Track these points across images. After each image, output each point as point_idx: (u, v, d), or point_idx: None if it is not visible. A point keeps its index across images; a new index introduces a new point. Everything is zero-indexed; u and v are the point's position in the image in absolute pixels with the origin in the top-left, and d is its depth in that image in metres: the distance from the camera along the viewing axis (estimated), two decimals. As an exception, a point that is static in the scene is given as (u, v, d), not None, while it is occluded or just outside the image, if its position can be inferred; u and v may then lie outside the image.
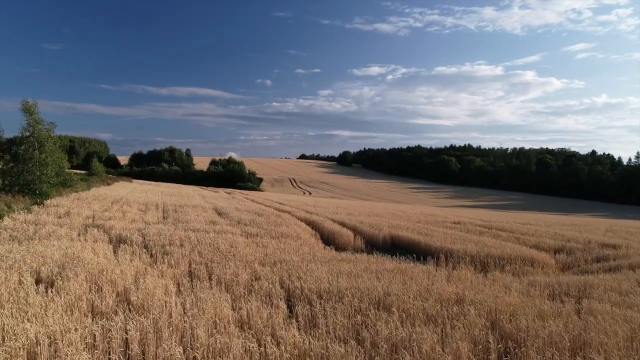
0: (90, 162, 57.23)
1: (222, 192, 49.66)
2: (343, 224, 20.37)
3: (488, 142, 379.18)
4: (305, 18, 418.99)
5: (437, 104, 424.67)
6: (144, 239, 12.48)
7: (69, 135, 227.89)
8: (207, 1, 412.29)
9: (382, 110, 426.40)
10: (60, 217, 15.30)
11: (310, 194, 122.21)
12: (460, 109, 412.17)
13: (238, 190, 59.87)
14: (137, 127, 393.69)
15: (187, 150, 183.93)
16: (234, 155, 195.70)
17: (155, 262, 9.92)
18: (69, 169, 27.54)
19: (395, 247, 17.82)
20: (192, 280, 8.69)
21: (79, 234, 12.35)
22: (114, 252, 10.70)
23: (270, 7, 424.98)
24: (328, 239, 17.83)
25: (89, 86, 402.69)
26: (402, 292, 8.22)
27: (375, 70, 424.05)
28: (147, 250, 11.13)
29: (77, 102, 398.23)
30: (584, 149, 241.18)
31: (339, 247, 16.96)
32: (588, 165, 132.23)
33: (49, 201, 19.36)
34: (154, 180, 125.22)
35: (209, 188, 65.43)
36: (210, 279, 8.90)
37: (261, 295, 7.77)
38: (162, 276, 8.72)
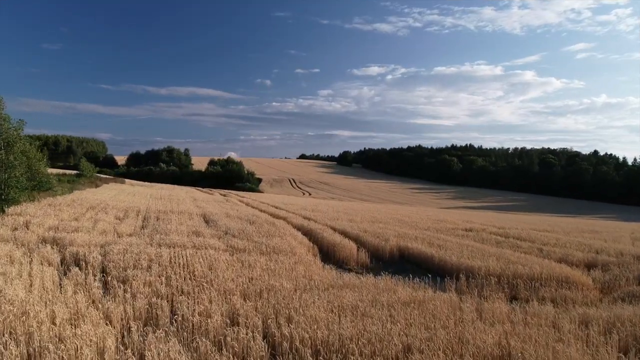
0: (79, 162, 54.95)
1: (217, 194, 47.49)
2: (344, 234, 18.22)
3: (488, 142, 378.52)
4: (305, 18, 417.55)
5: (436, 103, 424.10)
6: (105, 258, 10.31)
7: (67, 135, 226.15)
8: (206, 1, 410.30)
9: (382, 110, 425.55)
10: (15, 230, 13.13)
11: (309, 194, 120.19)
12: (460, 108, 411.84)
13: (234, 192, 57.71)
14: (137, 127, 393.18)
15: (186, 150, 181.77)
16: (233, 155, 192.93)
17: (107, 295, 7.77)
18: (45, 168, 25.32)
19: (405, 261, 15.66)
20: (146, 326, 6.56)
21: (24, 254, 10.18)
22: (60, 279, 8.55)
23: (269, 7, 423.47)
24: (327, 253, 15.67)
25: (88, 86, 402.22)
26: (427, 345, 6.08)
27: (374, 70, 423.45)
28: (104, 276, 8.98)
29: (77, 102, 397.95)
30: (584, 149, 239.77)
31: (340, 263, 14.83)
32: (592, 166, 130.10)
33: (12, 208, 17.20)
34: (150, 181, 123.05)
35: (205, 189, 63.31)
36: (172, 321, 6.76)
37: (235, 355, 5.63)
38: (106, 319, 6.57)
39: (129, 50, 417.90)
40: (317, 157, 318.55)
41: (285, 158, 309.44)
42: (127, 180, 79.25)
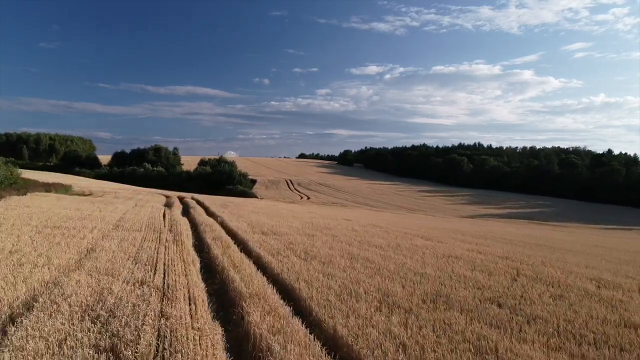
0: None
1: (176, 209, 34.60)
2: None
3: (487, 140, 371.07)
4: (302, 17, 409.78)
5: (435, 103, 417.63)
6: None
7: (50, 133, 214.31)
8: (204, 1, 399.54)
9: (381, 109, 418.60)
10: None
11: (308, 198, 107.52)
12: (458, 108, 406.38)
13: (208, 199, 44.63)
14: (137, 126, 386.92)
15: (175, 149, 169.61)
16: (232, 154, 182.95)
17: None
18: None
19: None
20: None
21: None
22: None
23: (266, 6, 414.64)
24: None
25: (86, 85, 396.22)
26: None
27: (372, 69, 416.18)
28: None
29: (75, 101, 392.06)
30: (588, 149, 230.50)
31: None
32: (624, 166, 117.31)
33: None
34: (132, 184, 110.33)
35: (175, 196, 50.20)
36: None
37: None
38: None
39: (127, 49, 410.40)
40: (317, 157, 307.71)
41: (285, 157, 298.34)
42: (85, 182, 65.37)
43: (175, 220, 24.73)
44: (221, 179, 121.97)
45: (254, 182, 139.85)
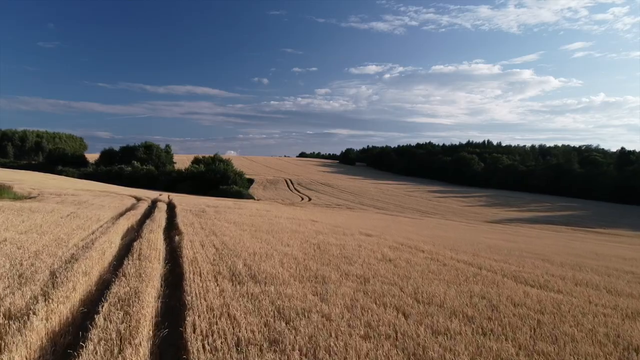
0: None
1: (124, 221, 24.82)
2: None
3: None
4: (300, 16, 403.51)
5: (434, 102, 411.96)
6: None
7: (39, 131, 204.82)
8: (203, 1, 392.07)
9: (380, 109, 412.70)
10: None
11: (309, 199, 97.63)
12: (458, 107, 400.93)
13: (183, 202, 34.79)
14: (136, 125, 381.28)
15: (167, 146, 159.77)
16: (233, 153, 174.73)
17: None
18: None
19: None
20: None
21: None
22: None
23: (264, 6, 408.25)
24: None
25: (85, 84, 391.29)
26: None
27: (372, 68, 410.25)
28: None
29: (74, 101, 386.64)
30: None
31: None
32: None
33: None
34: (115, 183, 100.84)
35: (149, 198, 40.20)
36: None
37: None
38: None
39: (126, 48, 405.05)
40: (318, 156, 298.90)
41: (285, 156, 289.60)
42: (51, 182, 55.24)
43: (92, 249, 14.74)
44: (215, 178, 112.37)
45: (251, 182, 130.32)
